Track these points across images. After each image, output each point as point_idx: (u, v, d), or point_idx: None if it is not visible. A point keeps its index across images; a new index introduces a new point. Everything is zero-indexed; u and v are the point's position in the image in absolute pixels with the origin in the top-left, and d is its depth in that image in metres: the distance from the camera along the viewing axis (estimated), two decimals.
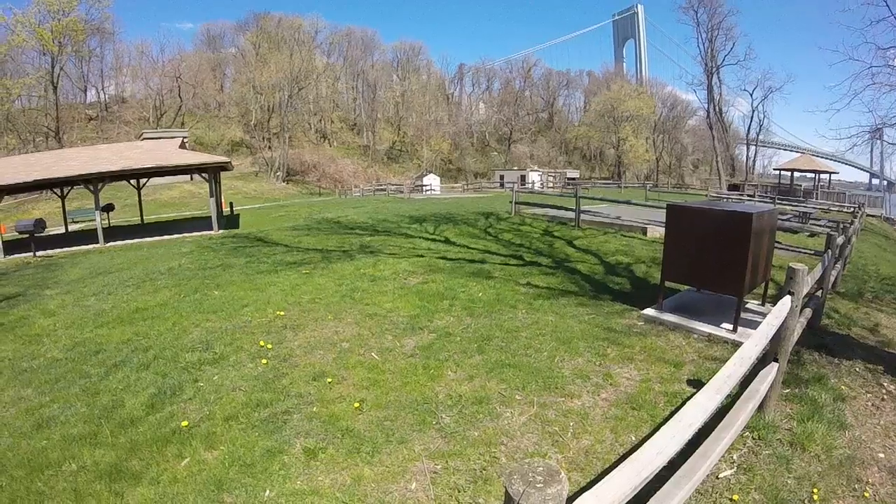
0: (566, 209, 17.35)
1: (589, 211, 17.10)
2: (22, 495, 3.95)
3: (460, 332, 6.79)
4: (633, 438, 4.23)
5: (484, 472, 3.87)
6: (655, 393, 5.08)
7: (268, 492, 3.74)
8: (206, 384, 5.55)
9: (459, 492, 3.67)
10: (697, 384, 5.15)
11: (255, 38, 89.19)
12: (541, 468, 1.50)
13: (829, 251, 7.44)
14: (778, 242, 11.81)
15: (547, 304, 7.97)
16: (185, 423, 4.72)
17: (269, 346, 6.45)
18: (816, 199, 40.99)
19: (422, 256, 11.68)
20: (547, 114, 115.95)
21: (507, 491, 1.43)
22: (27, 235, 18.94)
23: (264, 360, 5.99)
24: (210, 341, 6.76)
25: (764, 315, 4.53)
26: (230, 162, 24.28)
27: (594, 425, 4.50)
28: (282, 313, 7.71)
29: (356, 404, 4.86)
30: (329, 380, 5.42)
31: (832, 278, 8.60)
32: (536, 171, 72.71)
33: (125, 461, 4.24)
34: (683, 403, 4.13)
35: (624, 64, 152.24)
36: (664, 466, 3.68)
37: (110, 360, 6.50)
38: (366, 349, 6.24)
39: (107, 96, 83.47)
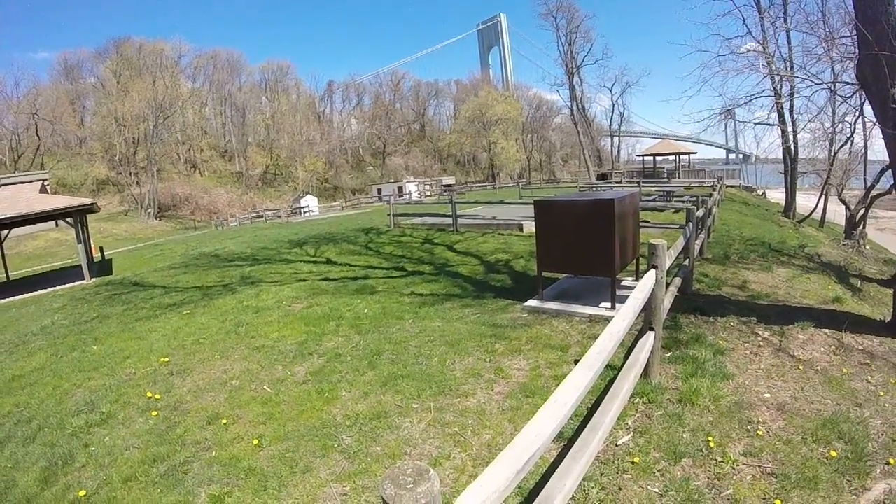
0: (444, 216, 17.73)
1: (466, 215, 17.61)
2: None
3: (350, 351, 6.83)
4: None
5: None
6: (546, 378, 5.36)
7: None
8: (98, 447, 5.30)
9: None
10: None
11: (115, 65, 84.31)
12: (410, 470, 1.62)
13: (690, 223, 8.11)
14: (646, 222, 12.69)
15: (433, 311, 8.16)
16: (82, 493, 4.50)
17: (158, 396, 6.22)
18: (679, 178, 44.06)
19: (304, 280, 11.61)
20: (419, 124, 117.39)
21: (382, 497, 1.55)
22: None
23: (154, 412, 5.80)
24: (95, 401, 6.43)
25: None
26: (96, 203, 22.85)
27: (492, 419, 4.69)
28: (166, 360, 7.45)
29: (255, 441, 4.81)
30: (224, 421, 5.33)
31: (697, 247, 9.41)
32: (413, 181, 73.43)
33: None
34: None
35: (490, 71, 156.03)
36: (564, 445, 3.94)
37: None
38: (257, 383, 6.17)
39: None
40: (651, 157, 51.81)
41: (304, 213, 57.17)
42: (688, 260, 8.19)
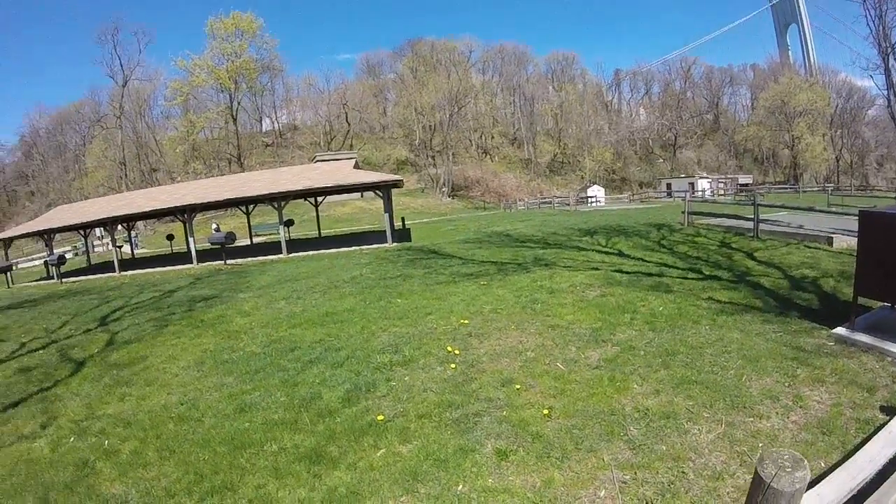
0: (742, 218, 16.30)
1: (767, 220, 15.95)
2: (224, 469, 4.54)
3: (643, 346, 6.73)
4: (823, 465, 3.99)
5: (672, 486, 3.87)
6: (846, 418, 4.75)
7: (461, 486, 4.00)
8: (398, 383, 6.00)
9: None
10: (891, 411, 4.72)
11: (411, 62, 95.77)
12: (787, 456, 1.64)
13: None
14: None
15: (731, 320, 7.63)
16: (380, 417, 5.15)
17: (457, 351, 6.80)
18: None
19: (597, 269, 11.59)
20: (712, 115, 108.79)
21: (758, 473, 1.57)
22: (219, 246, 21.47)
23: (453, 365, 6.36)
24: (398, 345, 7.27)
25: None
26: (402, 179, 25.58)
27: (783, 448, 4.38)
28: (465, 322, 8.06)
29: (545, 411, 5.02)
30: (517, 386, 5.63)
31: None
32: (705, 177, 68.75)
33: (323, 447, 4.71)
34: (876, 431, 3.96)
35: (790, 52, 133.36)
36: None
37: (305, 356, 7.22)
38: (550, 359, 6.40)
39: (280, 125, 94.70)
40: None
41: (591, 202, 57.52)
42: None
